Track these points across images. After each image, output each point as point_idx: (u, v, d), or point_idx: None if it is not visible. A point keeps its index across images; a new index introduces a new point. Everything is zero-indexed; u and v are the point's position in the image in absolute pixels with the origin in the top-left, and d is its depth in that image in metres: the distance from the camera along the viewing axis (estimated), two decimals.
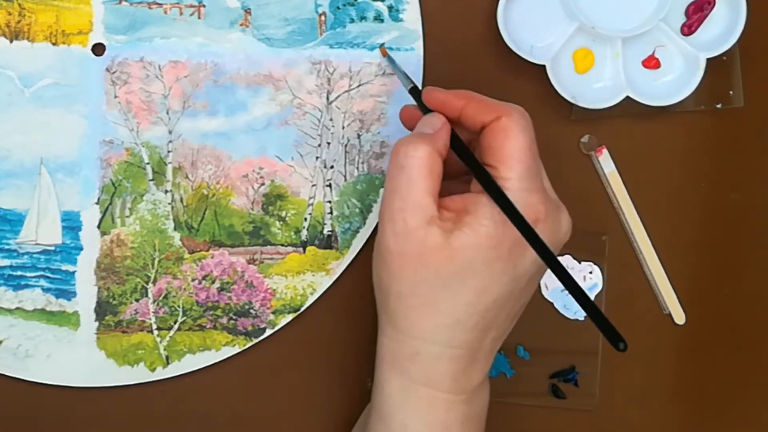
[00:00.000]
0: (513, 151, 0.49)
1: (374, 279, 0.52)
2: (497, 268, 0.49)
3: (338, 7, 0.60)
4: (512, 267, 0.49)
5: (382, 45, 0.59)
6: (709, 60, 0.60)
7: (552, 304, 0.63)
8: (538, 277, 0.52)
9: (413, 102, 0.55)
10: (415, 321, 0.50)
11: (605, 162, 0.63)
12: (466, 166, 0.51)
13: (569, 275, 0.46)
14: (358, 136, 0.61)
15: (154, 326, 0.60)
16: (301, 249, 0.61)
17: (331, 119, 0.61)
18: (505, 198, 0.48)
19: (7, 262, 0.59)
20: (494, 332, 0.51)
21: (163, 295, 0.60)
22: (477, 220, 0.48)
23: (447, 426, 0.51)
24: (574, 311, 0.63)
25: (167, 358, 0.60)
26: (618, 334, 0.45)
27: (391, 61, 0.59)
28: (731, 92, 0.63)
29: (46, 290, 0.59)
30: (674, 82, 0.61)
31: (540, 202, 0.49)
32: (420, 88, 0.56)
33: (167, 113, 0.60)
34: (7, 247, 0.59)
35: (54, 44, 0.59)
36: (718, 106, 0.63)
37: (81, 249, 0.59)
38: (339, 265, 0.61)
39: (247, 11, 0.60)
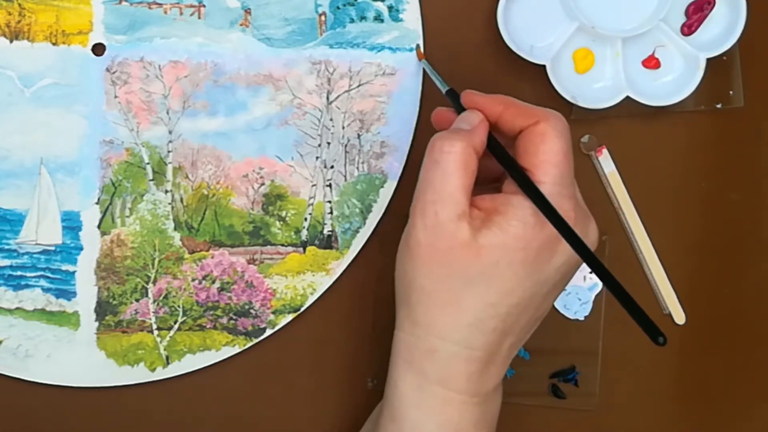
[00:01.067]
0: (549, 155, 0.49)
1: (397, 272, 0.52)
2: (522, 271, 0.49)
3: (338, 7, 0.60)
4: (537, 272, 0.49)
5: (418, 46, 0.60)
6: (709, 60, 0.60)
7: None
8: (561, 286, 0.52)
9: (412, 103, 0.55)
10: (435, 317, 0.50)
11: (605, 162, 0.63)
12: (498, 173, 0.51)
13: (607, 271, 0.47)
14: (358, 136, 0.61)
15: (154, 326, 0.60)
16: (301, 249, 0.61)
17: (331, 119, 0.61)
18: (541, 195, 0.48)
19: (7, 262, 0.59)
20: (512, 338, 0.51)
21: (163, 295, 0.60)
22: (506, 220, 0.48)
23: (459, 428, 0.51)
24: (574, 311, 0.63)
25: (167, 358, 0.60)
26: (657, 328, 0.45)
27: (427, 65, 0.58)
28: (731, 92, 0.63)
29: (46, 290, 0.59)
30: (674, 82, 0.61)
31: (571, 209, 0.49)
32: (452, 90, 0.56)
33: (167, 113, 0.60)
34: (7, 247, 0.59)
35: (54, 44, 0.59)
36: (718, 106, 0.63)
37: (81, 249, 0.59)
38: (339, 265, 0.61)
39: (247, 11, 0.60)
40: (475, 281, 0.49)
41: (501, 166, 0.51)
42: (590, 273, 0.62)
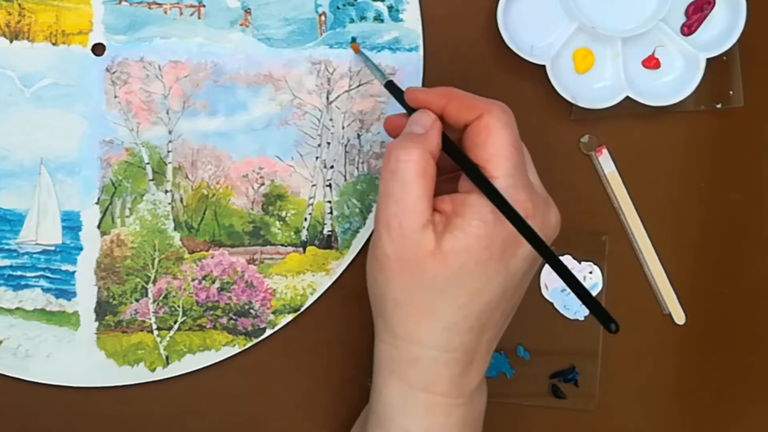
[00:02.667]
0: (497, 149, 0.49)
1: (369, 284, 0.52)
2: (490, 268, 0.49)
3: (338, 7, 0.60)
4: (504, 266, 0.49)
5: (353, 41, 0.59)
6: (709, 60, 0.60)
7: (552, 304, 0.63)
8: (530, 274, 0.52)
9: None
10: (412, 327, 0.50)
11: (605, 162, 0.63)
12: (453, 165, 0.51)
13: (562, 264, 0.46)
14: (358, 136, 0.61)
15: (154, 326, 0.60)
16: (301, 249, 0.61)
17: (331, 119, 0.61)
18: (497, 193, 0.48)
19: (7, 262, 0.59)
20: (489, 333, 0.51)
21: (163, 295, 0.60)
22: (466, 221, 0.48)
23: (446, 429, 0.51)
24: (574, 311, 0.63)
25: (167, 358, 0.60)
26: (609, 316, 0.45)
27: (364, 57, 0.58)
28: (731, 92, 0.63)
29: (46, 290, 0.59)
30: (674, 82, 0.61)
31: (528, 199, 0.49)
32: (391, 82, 0.56)
33: (167, 113, 0.60)
34: (7, 247, 0.59)
35: (54, 44, 0.59)
36: (718, 106, 0.63)
37: (81, 249, 0.59)
38: (339, 265, 0.61)
39: (247, 11, 0.60)
40: (446, 287, 0.49)
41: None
42: (590, 273, 0.62)
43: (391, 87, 0.54)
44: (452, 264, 0.48)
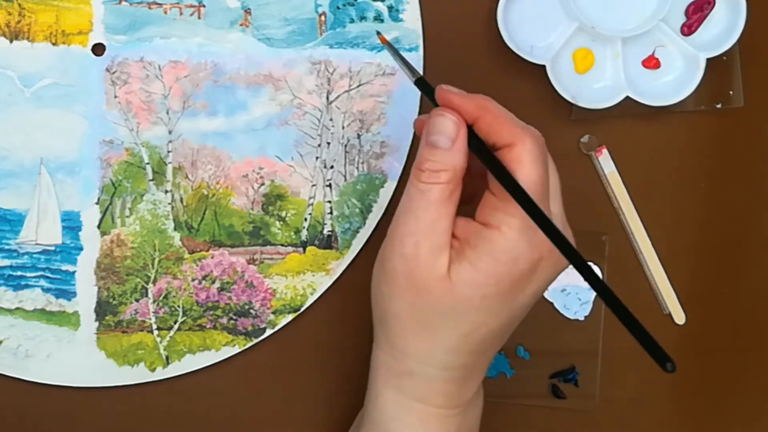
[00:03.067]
0: (527, 184, 0.46)
1: (374, 294, 0.51)
2: (496, 303, 0.48)
3: (338, 7, 0.60)
4: (511, 301, 0.48)
5: (379, 33, 0.55)
6: (709, 60, 0.60)
7: (552, 304, 0.63)
8: (533, 304, 0.51)
9: (412, 103, 0.54)
10: (411, 343, 0.49)
11: (605, 162, 0.63)
12: (469, 195, 0.49)
13: (610, 291, 0.45)
14: (358, 136, 0.61)
15: (154, 326, 0.60)
16: (301, 249, 0.61)
17: (331, 119, 0.61)
18: (536, 208, 0.45)
19: (7, 262, 0.59)
20: (489, 354, 0.51)
21: (163, 295, 0.60)
22: (478, 256, 0.47)
23: None
24: (574, 311, 0.63)
25: (167, 358, 0.60)
26: (665, 353, 0.44)
27: (392, 49, 0.52)
28: (731, 92, 0.63)
29: (46, 290, 0.59)
30: (674, 82, 0.61)
31: (545, 240, 0.46)
32: (422, 78, 0.51)
33: (167, 113, 0.60)
34: (7, 247, 0.59)
35: (54, 44, 0.59)
36: (718, 106, 0.63)
37: (81, 249, 0.59)
38: (339, 265, 0.61)
39: (247, 11, 0.60)
40: (449, 314, 0.48)
41: (474, 187, 0.49)
42: None
43: (422, 84, 0.51)
44: (459, 295, 0.47)
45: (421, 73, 0.60)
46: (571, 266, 0.45)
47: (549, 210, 0.49)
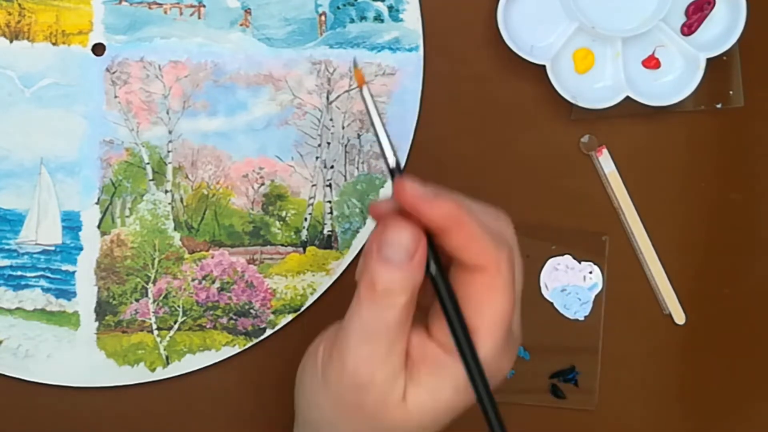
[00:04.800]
0: (497, 317, 0.42)
1: (308, 399, 0.46)
2: (442, 426, 0.45)
3: (338, 7, 0.60)
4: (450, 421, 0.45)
5: (357, 66, 0.44)
6: (709, 60, 0.60)
7: (552, 304, 0.63)
8: None
9: (412, 103, 0.54)
10: None
11: (605, 162, 0.63)
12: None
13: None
14: (358, 136, 0.61)
15: (154, 326, 0.60)
16: (301, 249, 0.61)
17: (331, 119, 0.61)
18: (480, 372, 0.42)
19: (7, 262, 0.59)
20: None
21: (163, 295, 0.60)
22: (438, 387, 0.43)
23: None
24: (574, 311, 0.63)
25: (167, 358, 0.60)
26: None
27: (368, 98, 0.43)
28: (731, 92, 0.63)
29: (46, 290, 0.59)
30: (674, 82, 0.61)
31: (508, 363, 0.44)
32: (398, 165, 0.43)
33: (167, 113, 0.60)
34: (7, 247, 0.59)
35: (54, 44, 0.59)
36: (718, 106, 0.63)
37: (81, 249, 0.59)
38: (339, 265, 0.61)
39: (247, 11, 0.60)
40: None
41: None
42: (590, 273, 0.62)
43: (394, 172, 0.43)
44: (415, 422, 0.43)
45: (421, 74, 0.60)
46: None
47: (512, 336, 0.45)
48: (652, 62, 0.61)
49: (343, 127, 0.61)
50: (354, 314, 0.42)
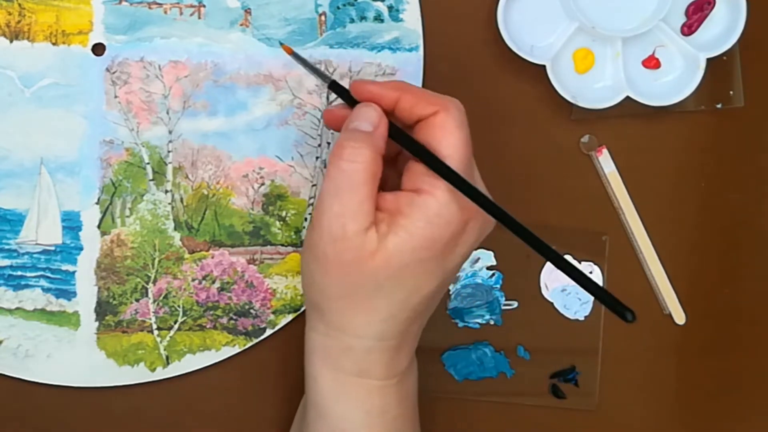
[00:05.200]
0: (452, 149, 0.49)
1: (305, 277, 0.52)
2: (430, 266, 0.49)
3: (338, 7, 0.60)
4: (443, 262, 0.50)
5: (282, 43, 0.55)
6: (709, 60, 0.60)
7: (552, 304, 0.63)
8: (462, 263, 0.52)
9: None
10: (348, 320, 0.50)
11: (605, 162, 0.63)
12: (391, 156, 0.51)
13: (548, 247, 0.47)
14: None
15: (155, 326, 0.60)
16: (301, 249, 0.61)
17: None
18: (462, 179, 0.48)
19: (7, 262, 0.59)
20: (421, 320, 0.52)
21: (163, 295, 0.60)
22: (412, 222, 0.48)
23: (384, 409, 0.52)
24: (574, 311, 0.63)
25: (167, 358, 0.60)
26: (622, 305, 0.45)
27: (298, 58, 0.53)
28: (731, 92, 0.63)
29: (46, 290, 0.59)
30: (674, 82, 0.61)
31: (471, 202, 0.49)
32: (334, 82, 0.53)
33: (167, 113, 0.60)
34: (7, 247, 0.59)
35: (54, 44, 0.59)
36: (718, 106, 0.63)
37: (81, 249, 0.59)
38: None
39: (247, 11, 0.60)
40: (385, 284, 0.49)
41: (395, 149, 0.51)
42: (590, 273, 0.62)
43: (336, 87, 0.52)
44: (395, 264, 0.48)
45: (421, 74, 0.60)
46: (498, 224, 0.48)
47: (474, 175, 0.51)
48: (652, 62, 0.61)
49: None
50: (326, 178, 0.49)
